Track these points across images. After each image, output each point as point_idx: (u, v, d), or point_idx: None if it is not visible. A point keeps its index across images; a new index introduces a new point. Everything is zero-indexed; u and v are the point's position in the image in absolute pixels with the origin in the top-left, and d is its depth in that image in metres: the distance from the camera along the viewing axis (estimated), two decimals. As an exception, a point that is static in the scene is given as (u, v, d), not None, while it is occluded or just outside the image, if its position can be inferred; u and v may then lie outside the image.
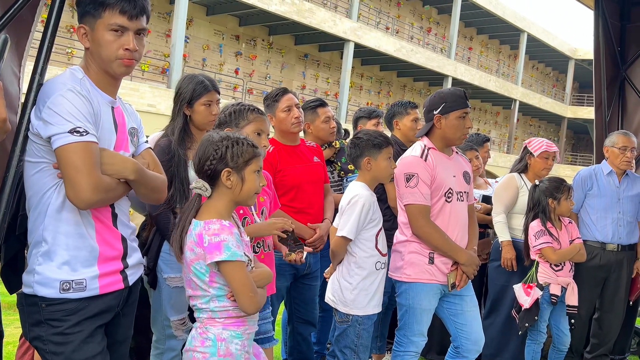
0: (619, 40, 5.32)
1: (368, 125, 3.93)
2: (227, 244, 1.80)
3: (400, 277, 2.81)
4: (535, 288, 3.50)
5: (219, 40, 20.35)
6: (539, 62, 35.36)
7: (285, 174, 3.02)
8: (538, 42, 30.73)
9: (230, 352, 1.86)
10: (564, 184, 3.56)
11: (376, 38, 21.72)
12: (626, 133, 4.09)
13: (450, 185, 2.82)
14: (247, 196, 1.93)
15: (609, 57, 5.25)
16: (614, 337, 4.13)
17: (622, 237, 3.93)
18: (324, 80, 23.94)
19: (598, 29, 5.18)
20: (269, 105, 3.12)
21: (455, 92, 2.90)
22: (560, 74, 36.70)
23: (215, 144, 1.91)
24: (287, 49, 22.42)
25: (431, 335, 3.69)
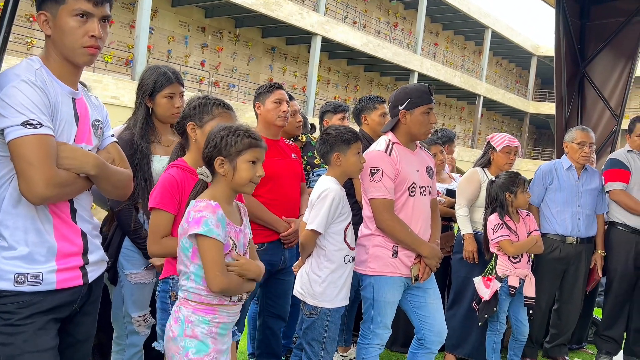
0: (579, 38, 5.46)
1: (334, 120, 3.94)
2: (207, 220, 1.88)
3: (365, 271, 2.84)
4: (494, 280, 3.57)
5: (184, 32, 20.05)
6: (503, 58, 36.00)
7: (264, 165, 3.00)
8: (502, 39, 31.26)
9: (196, 334, 1.92)
10: (519, 178, 3.64)
11: (343, 32, 21.74)
12: (584, 129, 4.20)
13: (414, 180, 2.85)
14: (240, 184, 2.00)
15: (569, 55, 5.39)
16: (572, 327, 4.25)
17: (581, 230, 4.04)
18: (292, 74, 23.86)
19: (559, 27, 5.30)
20: (262, 93, 3.13)
21: (420, 87, 2.92)
22: (523, 70, 37.45)
23: (215, 133, 2.01)
24: (254, 41, 22.25)
25: (396, 328, 3.74)
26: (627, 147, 4.24)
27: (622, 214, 4.11)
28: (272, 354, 3.19)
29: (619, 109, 5.28)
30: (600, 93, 5.37)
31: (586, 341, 4.67)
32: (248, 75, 21.70)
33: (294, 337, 3.64)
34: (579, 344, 4.61)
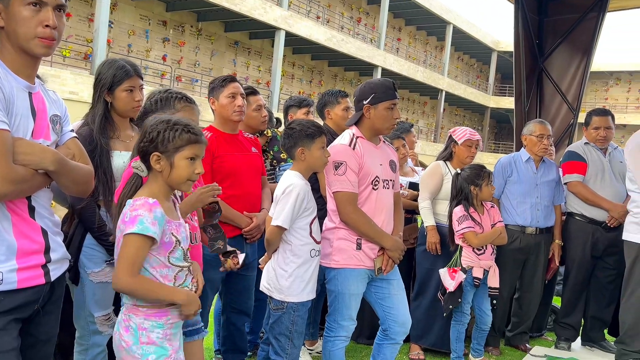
0: (537, 34, 5.59)
1: (298, 114, 3.93)
2: (142, 219, 1.80)
3: (329, 264, 2.86)
4: (459, 272, 3.64)
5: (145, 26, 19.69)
6: (464, 53, 36.57)
7: (223, 160, 2.98)
8: (463, 34, 31.74)
9: (153, 340, 1.87)
10: (484, 171, 3.71)
11: (307, 27, 21.71)
12: (542, 122, 4.31)
13: (377, 174, 2.88)
14: (177, 182, 1.92)
15: (528, 50, 5.51)
16: (532, 316, 4.37)
17: (540, 220, 4.15)
18: (255, 69, 23.72)
19: (518, 23, 5.41)
20: (214, 88, 3.07)
21: (385, 83, 2.95)
22: (484, 65, 38.12)
23: (152, 126, 1.91)
24: (217, 35, 22.01)
25: (361, 320, 3.78)
26: (584, 140, 4.36)
27: (579, 204, 4.23)
28: (238, 349, 3.18)
29: (576, 103, 5.44)
30: (558, 87, 5.51)
31: (546, 329, 4.80)
32: (211, 70, 21.46)
33: (261, 332, 3.63)
34: (539, 331, 4.74)
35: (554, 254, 4.29)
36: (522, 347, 4.32)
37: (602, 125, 4.25)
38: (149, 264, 1.88)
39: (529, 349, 4.25)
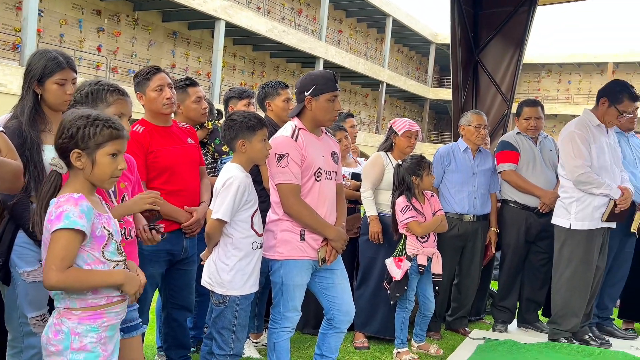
0: (473, 26, 5.75)
1: (239, 106, 3.89)
2: (68, 213, 1.75)
3: (273, 256, 2.85)
4: (404, 260, 3.71)
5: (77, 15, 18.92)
6: (404, 45, 37.18)
7: (157, 155, 2.89)
8: (402, 27, 32.25)
9: (85, 346, 1.81)
10: (424, 161, 3.80)
11: (248, 17, 21.47)
12: (479, 112, 4.45)
13: (320, 165, 2.89)
14: (100, 179, 1.87)
15: (464, 42, 5.66)
16: (471, 300, 4.51)
17: (477, 208, 4.29)
18: (195, 59, 23.27)
19: (454, 15, 5.55)
20: (139, 83, 2.96)
21: (326, 74, 2.95)
22: (423, 57, 38.90)
23: (70, 121, 1.84)
24: (154, 25, 21.43)
25: (307, 311, 3.80)
26: (516, 130, 4.53)
27: (512, 192, 4.39)
28: (181, 345, 3.14)
29: (510, 94, 5.64)
30: (492, 79, 5.70)
31: (484, 312, 4.98)
32: (149, 61, 20.89)
33: (205, 327, 3.59)
34: (478, 315, 4.90)
35: (490, 240, 4.44)
36: (461, 331, 4.46)
37: (533, 115, 4.42)
38: (83, 260, 1.82)
39: (468, 333, 4.39)
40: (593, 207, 3.96)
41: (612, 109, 4.03)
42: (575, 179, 3.97)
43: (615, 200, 3.91)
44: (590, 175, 3.93)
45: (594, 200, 3.96)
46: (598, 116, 4.09)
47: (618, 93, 4.02)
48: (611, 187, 3.93)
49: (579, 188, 3.98)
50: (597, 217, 3.97)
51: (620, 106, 4.00)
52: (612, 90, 4.07)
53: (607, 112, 4.04)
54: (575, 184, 3.99)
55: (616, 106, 4.01)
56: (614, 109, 4.02)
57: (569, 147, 4.03)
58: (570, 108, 35.25)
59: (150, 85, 2.93)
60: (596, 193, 3.94)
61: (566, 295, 4.09)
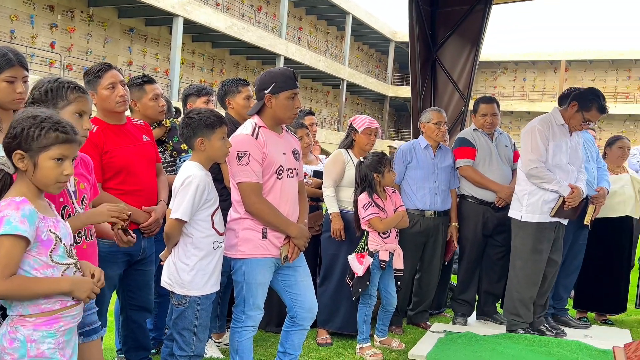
0: (430, 24, 5.83)
1: (198, 103, 3.84)
2: (8, 219, 1.68)
3: (235, 255, 2.83)
4: (366, 256, 3.74)
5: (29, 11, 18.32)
6: (364, 43, 37.40)
7: (112, 155, 2.83)
8: (362, 24, 32.44)
9: (42, 352, 1.75)
10: (385, 158, 3.84)
11: (206, 14, 21.21)
12: (438, 109, 4.52)
13: (281, 163, 2.88)
14: (43, 183, 1.79)
15: (422, 40, 5.73)
16: (432, 294, 4.59)
17: (438, 204, 4.36)
18: (153, 57, 22.85)
19: (412, 13, 5.61)
20: (90, 81, 2.87)
21: (285, 72, 2.94)
22: (383, 55, 39.22)
23: (18, 120, 1.77)
24: (110, 22, 20.94)
25: (270, 309, 3.79)
26: (473, 126, 4.63)
27: (470, 187, 4.49)
28: (141, 347, 3.08)
29: (467, 91, 5.75)
30: (450, 76, 5.79)
31: (445, 306, 5.07)
32: (104, 58, 20.40)
33: (165, 329, 3.54)
34: (439, 309, 4.99)
35: (451, 236, 4.52)
36: (423, 325, 4.53)
37: (489, 112, 4.52)
38: (30, 266, 1.76)
39: (429, 326, 4.46)
40: (543, 201, 4.09)
41: (579, 114, 4.12)
42: (528, 172, 4.10)
43: (564, 197, 4.05)
44: (541, 170, 4.06)
45: (544, 195, 4.09)
46: (565, 117, 4.20)
47: (589, 102, 4.09)
48: (561, 184, 4.06)
49: (531, 181, 4.12)
50: (546, 211, 4.10)
51: (587, 114, 4.10)
52: (585, 97, 4.13)
53: (574, 116, 4.15)
54: (527, 177, 4.12)
55: (584, 113, 4.10)
56: (581, 115, 4.11)
57: (528, 141, 4.16)
58: (525, 105, 36.17)
59: (102, 83, 2.85)
60: (546, 188, 4.07)
61: (517, 286, 4.21)
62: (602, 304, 4.87)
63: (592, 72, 36.08)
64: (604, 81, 35.57)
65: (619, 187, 4.72)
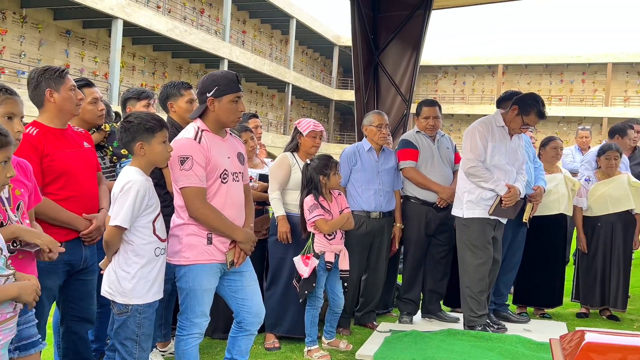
0: (372, 29, 5.92)
1: (138, 107, 3.76)
2: None
3: (179, 261, 2.78)
4: (312, 258, 3.77)
5: (-44, 11, 17.43)
6: (308, 47, 37.56)
7: (53, 159, 2.73)
8: (306, 29, 32.58)
9: None
10: (331, 161, 3.87)
11: (147, 16, 20.77)
12: (380, 112, 4.60)
13: (225, 167, 2.85)
14: None
15: (365, 44, 5.82)
16: (379, 294, 4.65)
17: (383, 205, 4.43)
18: (91, 60, 22.16)
19: (354, 18, 5.69)
20: (53, 79, 2.79)
21: (228, 75, 2.92)
22: (327, 59, 39.50)
23: None
24: (45, 24, 20.17)
25: (216, 315, 3.74)
26: (416, 129, 4.73)
27: (413, 188, 4.59)
28: (82, 359, 2.98)
29: (409, 94, 5.87)
30: (392, 80, 5.90)
31: (392, 305, 5.15)
32: (39, 61, 19.63)
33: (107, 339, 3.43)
34: (385, 308, 5.06)
35: (395, 235, 4.60)
36: (370, 325, 4.58)
37: (431, 115, 4.64)
38: None
39: (377, 326, 4.52)
40: (481, 199, 4.25)
41: (519, 118, 4.29)
42: (466, 171, 4.26)
43: (501, 196, 4.20)
44: (479, 170, 4.21)
45: (482, 193, 4.25)
46: (505, 119, 4.36)
47: (529, 106, 4.26)
48: (498, 183, 4.22)
49: (470, 180, 4.26)
50: (484, 208, 4.25)
51: (526, 118, 4.27)
52: (525, 102, 4.30)
53: (514, 119, 4.31)
54: (466, 175, 4.27)
55: (523, 117, 4.27)
56: (521, 118, 4.28)
57: (468, 141, 4.32)
58: (465, 108, 37.25)
59: (65, 84, 2.81)
60: (484, 187, 4.23)
61: (468, 282, 4.32)
62: (540, 298, 5.07)
63: (527, 76, 37.56)
64: (539, 84, 37.12)
65: (553, 186, 4.93)
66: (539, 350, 3.88)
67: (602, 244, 5.03)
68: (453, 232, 4.52)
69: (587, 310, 5.17)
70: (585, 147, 7.38)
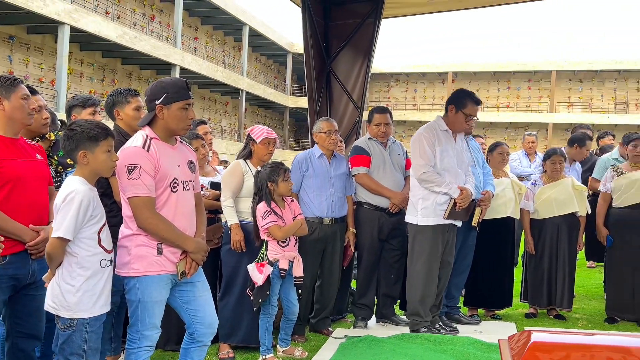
0: (324, 37, 5.96)
1: (83, 115, 3.66)
2: None
3: (128, 273, 2.71)
4: (266, 265, 3.75)
5: None
6: (262, 54, 37.50)
7: (2, 166, 2.64)
8: (259, 36, 32.53)
9: None
10: (279, 167, 3.86)
11: (95, 22, 20.29)
12: (328, 119, 4.65)
13: (175, 175, 2.81)
14: None
15: (317, 52, 5.85)
16: (333, 300, 4.66)
17: (335, 211, 4.45)
18: (37, 66, 21.46)
19: (306, 26, 5.71)
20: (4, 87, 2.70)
21: (177, 82, 2.88)
22: (281, 66, 39.53)
23: None
24: (-13, 29, 19.44)
25: (169, 326, 3.67)
26: (368, 135, 4.79)
27: (365, 194, 4.64)
28: (27, 377, 2.86)
29: (360, 101, 5.93)
30: (344, 87, 5.95)
31: (346, 311, 5.17)
32: (-19, 68, 18.88)
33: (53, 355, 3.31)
34: (340, 314, 5.08)
35: (349, 241, 4.63)
36: (325, 332, 4.59)
37: (382, 121, 4.71)
38: None
39: (331, 332, 4.53)
40: (436, 204, 4.32)
41: (459, 114, 4.42)
42: (419, 177, 4.32)
43: (455, 199, 4.29)
44: (431, 175, 4.29)
45: (437, 198, 4.32)
46: (447, 122, 4.47)
47: (462, 99, 4.43)
48: (450, 187, 4.30)
49: (423, 186, 4.33)
50: (440, 214, 4.33)
51: (465, 110, 4.41)
52: (457, 97, 4.48)
53: (456, 117, 4.43)
54: (419, 182, 4.34)
55: (462, 111, 4.40)
56: (461, 113, 4.41)
57: (416, 148, 4.38)
58: (417, 115, 37.93)
59: (17, 92, 2.73)
60: (437, 191, 4.30)
61: (419, 287, 4.39)
62: (490, 300, 5.20)
63: (476, 83, 38.58)
64: (487, 91, 38.19)
65: (500, 190, 5.07)
66: (489, 351, 3.97)
67: (549, 246, 5.19)
68: (405, 237, 4.58)
69: (535, 310, 5.32)
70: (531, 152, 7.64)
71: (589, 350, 1.89)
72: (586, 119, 31.96)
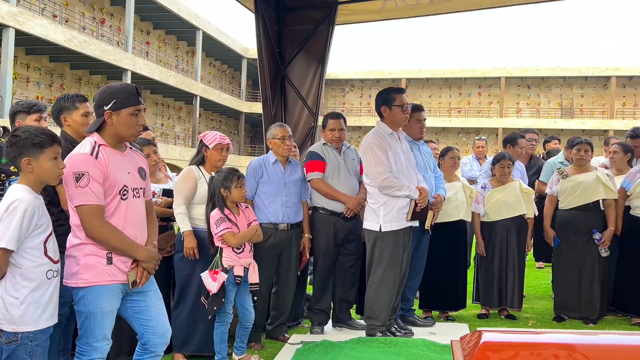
0: (278, 42, 5.96)
1: (28, 121, 3.53)
2: None
3: (77, 283, 2.63)
4: (220, 272, 3.70)
5: None
6: (216, 59, 37.16)
7: None
8: (213, 41, 32.23)
9: None
10: (233, 174, 3.83)
11: (42, 26, 19.69)
12: (282, 124, 4.65)
13: (125, 183, 2.74)
14: None
15: (271, 58, 5.84)
16: (289, 306, 4.64)
17: (290, 216, 4.44)
18: (-21, 71, 20.62)
19: (259, 31, 5.70)
20: None
21: (127, 88, 2.82)
22: (236, 71, 39.27)
23: None
24: None
25: (120, 337, 3.58)
26: (323, 141, 4.81)
27: (321, 199, 4.65)
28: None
29: (315, 107, 5.95)
30: (299, 93, 5.96)
31: (302, 317, 5.16)
32: None
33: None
34: (296, 320, 5.07)
35: (304, 247, 4.63)
36: (281, 338, 4.56)
37: (336, 127, 4.74)
38: None
39: (288, 339, 4.51)
40: (398, 209, 4.36)
41: (394, 109, 4.49)
42: (379, 185, 4.34)
43: (415, 199, 4.36)
44: (391, 180, 4.33)
45: (398, 202, 4.36)
46: (388, 125, 4.52)
47: (387, 96, 4.53)
48: (410, 189, 4.37)
49: (384, 192, 4.35)
50: (402, 218, 4.38)
51: (396, 102, 4.49)
52: (383, 97, 4.56)
53: (393, 115, 4.50)
54: (380, 189, 4.36)
55: (394, 105, 4.48)
56: (395, 107, 4.48)
57: (369, 156, 4.40)
58: (372, 120, 38.31)
59: None
60: (399, 195, 4.35)
61: (378, 292, 4.43)
62: (444, 302, 5.29)
63: (429, 89, 39.33)
64: (439, 97, 39.00)
65: (452, 194, 5.17)
66: (443, 352, 4.03)
67: (499, 248, 5.33)
68: (360, 242, 4.61)
69: (487, 311, 5.45)
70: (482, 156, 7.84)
71: (536, 349, 1.95)
72: (534, 123, 33.04)
